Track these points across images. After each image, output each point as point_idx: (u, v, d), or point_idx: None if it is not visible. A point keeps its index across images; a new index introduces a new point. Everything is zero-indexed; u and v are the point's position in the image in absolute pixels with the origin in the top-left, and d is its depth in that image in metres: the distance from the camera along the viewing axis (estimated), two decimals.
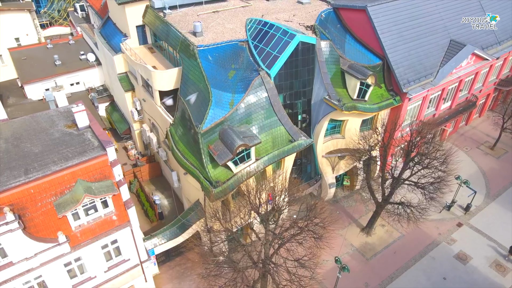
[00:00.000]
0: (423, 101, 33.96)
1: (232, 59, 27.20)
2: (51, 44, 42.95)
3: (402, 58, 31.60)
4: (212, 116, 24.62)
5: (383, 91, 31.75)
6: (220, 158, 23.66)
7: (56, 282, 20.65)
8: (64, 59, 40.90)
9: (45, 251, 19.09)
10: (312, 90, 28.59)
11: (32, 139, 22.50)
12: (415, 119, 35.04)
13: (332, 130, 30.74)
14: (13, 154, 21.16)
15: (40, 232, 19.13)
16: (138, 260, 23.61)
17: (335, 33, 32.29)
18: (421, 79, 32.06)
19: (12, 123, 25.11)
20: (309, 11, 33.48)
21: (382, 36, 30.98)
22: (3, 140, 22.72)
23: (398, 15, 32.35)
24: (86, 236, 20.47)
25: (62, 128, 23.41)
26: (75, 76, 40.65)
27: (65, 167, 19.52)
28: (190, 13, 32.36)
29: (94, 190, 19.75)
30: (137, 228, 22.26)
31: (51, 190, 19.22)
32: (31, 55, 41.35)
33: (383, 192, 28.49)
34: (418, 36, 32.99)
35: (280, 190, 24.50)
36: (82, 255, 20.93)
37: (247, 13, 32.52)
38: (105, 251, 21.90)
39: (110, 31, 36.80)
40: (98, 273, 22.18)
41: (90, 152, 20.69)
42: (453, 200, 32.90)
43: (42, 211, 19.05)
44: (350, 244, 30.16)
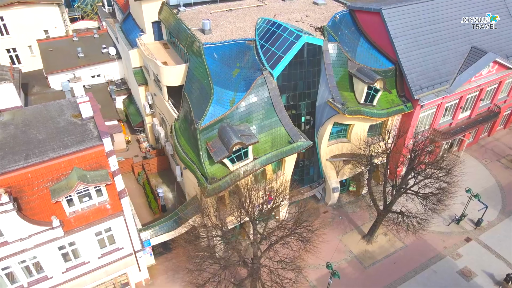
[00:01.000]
0: (437, 108, 32.76)
1: (238, 57, 27.36)
2: (76, 37, 44.73)
3: (416, 63, 30.63)
4: (212, 113, 24.91)
5: (394, 96, 30.93)
6: (216, 155, 23.91)
7: (50, 264, 21.62)
8: (87, 52, 42.47)
9: (39, 234, 20.00)
10: (318, 92, 28.26)
11: (39, 127, 23.62)
12: (428, 127, 33.85)
13: (338, 133, 30.26)
14: (19, 139, 22.31)
15: (36, 215, 20.09)
16: (131, 249, 24.28)
17: (349, 35, 31.77)
18: (435, 86, 30.95)
19: (25, 111, 26.45)
20: (323, 12, 33.08)
21: (396, 40, 30.17)
22: (14, 126, 24.00)
23: (415, 19, 31.38)
24: (80, 222, 21.28)
25: (68, 118, 24.42)
26: (96, 69, 42.12)
27: (62, 155, 20.39)
28: (204, 11, 32.79)
29: (88, 179, 20.49)
30: (130, 218, 22.88)
31: (47, 176, 20.13)
32: (57, 46, 43.24)
33: (384, 200, 27.78)
34: (436, 42, 31.85)
35: (275, 191, 24.46)
36: (76, 240, 21.78)
37: (260, 12, 32.57)
38: (99, 238, 22.67)
39: (129, 26, 37.93)
40: (91, 259, 23.01)
41: (88, 142, 21.50)
42: (463, 213, 31.55)
43: (38, 195, 19.99)
44: (349, 251, 29.61)
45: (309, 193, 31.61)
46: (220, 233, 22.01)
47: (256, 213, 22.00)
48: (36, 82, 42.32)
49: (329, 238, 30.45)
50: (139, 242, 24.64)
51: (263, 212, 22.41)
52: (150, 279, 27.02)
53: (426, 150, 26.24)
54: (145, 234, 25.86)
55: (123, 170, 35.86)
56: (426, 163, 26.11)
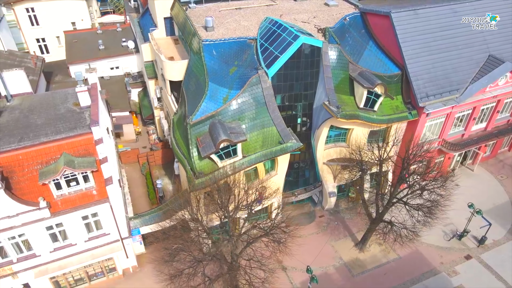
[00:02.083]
0: (447, 118, 31.37)
1: (237, 55, 27.54)
2: (100, 30, 46.69)
3: (423, 70, 29.49)
4: (204, 109, 25.26)
5: (399, 103, 29.97)
6: (204, 150, 24.25)
7: (38, 242, 22.82)
8: (108, 45, 44.22)
9: (26, 213, 21.18)
10: (315, 94, 27.90)
11: (41, 112, 24.98)
12: (437, 136, 32.51)
13: (336, 137, 29.72)
14: (19, 123, 23.73)
15: (25, 195, 21.28)
16: (118, 236, 25.10)
17: (357, 38, 31.14)
18: (444, 95, 29.66)
19: (34, 97, 28.08)
20: (333, 14, 32.57)
21: (403, 45, 29.19)
22: (19, 110, 25.54)
23: (427, 24, 30.21)
24: (67, 205, 22.30)
25: (69, 106, 25.65)
26: (115, 61, 43.81)
27: (52, 140, 21.53)
28: (213, 9, 33.23)
29: (75, 164, 21.44)
30: (117, 205, 23.66)
31: (37, 159, 21.29)
32: (81, 38, 45.37)
33: (377, 209, 27.02)
34: (449, 48, 30.49)
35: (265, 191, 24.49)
36: (64, 222, 22.84)
37: (268, 12, 32.57)
38: (86, 222, 23.65)
39: (146, 21, 39.14)
40: (78, 241, 24.05)
41: (79, 129, 22.51)
42: (465, 229, 30.04)
43: (28, 177, 21.18)
44: (339, 257, 29.05)
45: (303, 196, 31.25)
46: (200, 227, 22.29)
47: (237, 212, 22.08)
48: (59, 71, 44.65)
49: (321, 243, 30.11)
50: (127, 229, 25.41)
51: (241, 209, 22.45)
52: (138, 267, 27.82)
53: (418, 160, 25.15)
54: (135, 223, 26.66)
55: (129, 160, 37.19)
56: (419, 173, 25.07)
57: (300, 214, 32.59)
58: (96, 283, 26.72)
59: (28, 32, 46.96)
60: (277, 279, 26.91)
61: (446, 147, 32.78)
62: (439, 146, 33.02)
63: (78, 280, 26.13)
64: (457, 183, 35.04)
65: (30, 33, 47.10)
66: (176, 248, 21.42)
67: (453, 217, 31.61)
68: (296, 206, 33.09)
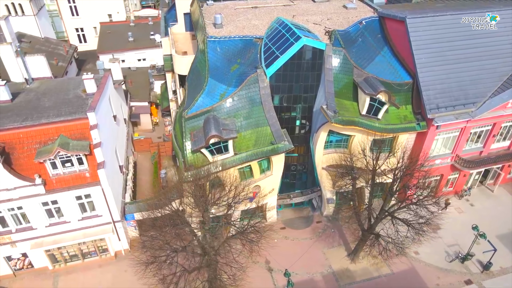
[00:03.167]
0: (461, 132, 29.54)
1: (241, 54, 27.75)
2: (133, 23, 48.87)
3: (436, 80, 27.98)
4: (200, 104, 25.74)
5: (408, 112, 28.68)
6: (194, 144, 24.78)
7: (35, 216, 24.50)
8: (137, 37, 46.26)
9: (23, 187, 22.82)
10: (316, 97, 27.43)
11: (52, 96, 26.76)
12: (449, 151, 30.71)
13: (337, 143, 28.99)
14: (30, 104, 25.60)
15: (23, 171, 22.94)
16: (110, 218, 26.30)
17: (371, 42, 30.20)
18: (457, 108, 27.97)
19: (51, 82, 30.13)
20: (349, 16, 31.77)
21: (416, 52, 27.86)
22: (35, 93, 27.53)
23: (445, 32, 28.61)
24: (61, 184, 23.73)
25: (78, 92, 27.24)
26: (142, 53, 45.75)
27: (51, 122, 23.01)
28: (230, 6, 33.65)
29: (70, 146, 22.77)
30: (108, 189, 24.77)
31: (37, 138, 22.87)
32: (114, 30, 47.81)
33: (369, 220, 26.10)
34: (468, 59, 28.68)
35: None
36: (58, 200, 24.32)
37: (283, 12, 32.40)
38: (79, 202, 25.02)
39: (171, 16, 40.36)
40: (72, 219, 25.49)
41: (78, 114, 23.85)
42: (469, 252, 28.12)
43: (27, 154, 22.82)
44: (328, 265, 28.38)
45: (298, 199, 30.83)
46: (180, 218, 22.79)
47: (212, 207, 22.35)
48: (92, 60, 47.33)
49: (313, 249, 29.61)
50: (119, 213, 26.50)
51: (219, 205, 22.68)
52: (129, 250, 28.95)
53: (409, 173, 23.93)
54: (129, 208, 27.76)
55: (141, 148, 38.69)
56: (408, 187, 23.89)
57: (298, 218, 32.26)
58: (89, 261, 28.15)
59: (69, 21, 50.23)
60: (260, 279, 27.12)
61: (460, 164, 30.86)
62: (452, 162, 31.18)
63: (72, 256, 27.69)
64: (472, 203, 33.33)
65: (70, 22, 50.36)
66: (151, 236, 22.06)
67: (459, 238, 29.90)
68: (295, 209, 32.81)
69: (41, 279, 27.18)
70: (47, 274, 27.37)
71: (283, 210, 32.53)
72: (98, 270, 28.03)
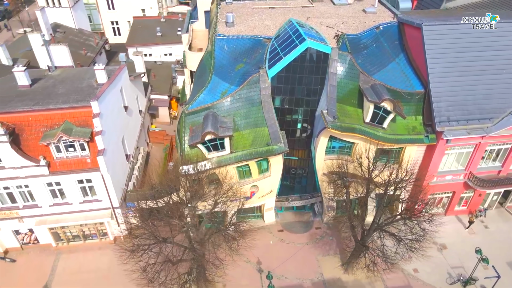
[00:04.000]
0: (475, 149, 27.83)
1: (247, 53, 27.90)
2: (163, 18, 50.45)
3: (450, 91, 26.55)
4: (201, 100, 26.19)
5: (417, 123, 27.45)
6: (191, 139, 25.31)
7: (40, 195, 26.12)
8: (165, 32, 47.71)
9: (28, 167, 24.41)
10: (319, 101, 26.96)
11: (67, 84, 28.34)
12: (463, 168, 29.02)
13: (340, 149, 28.27)
14: (46, 90, 27.28)
15: (30, 152, 24.52)
16: (109, 204, 27.45)
17: (386, 48, 29.28)
18: (471, 122, 26.37)
19: (71, 70, 31.84)
20: (366, 21, 30.92)
21: (430, 61, 26.61)
22: (53, 80, 29.27)
23: (464, 41, 27.11)
24: (64, 167, 25.10)
25: (91, 81, 28.61)
26: (168, 48, 47.14)
27: (58, 108, 24.41)
28: (248, 6, 33.90)
29: (72, 132, 24.06)
30: (107, 176, 25.85)
31: (44, 122, 24.37)
32: (145, 24, 49.62)
33: (362, 231, 25.32)
34: (487, 71, 26.95)
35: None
36: (61, 182, 25.76)
37: (299, 13, 32.15)
38: (81, 186, 26.33)
39: (195, 13, 41.26)
40: (74, 202, 26.89)
41: (83, 102, 25.10)
42: (471, 276, 26.45)
43: (34, 136, 24.38)
44: (320, 273, 27.85)
45: (297, 203, 30.42)
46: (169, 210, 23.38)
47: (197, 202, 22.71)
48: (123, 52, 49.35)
49: (308, 255, 29.19)
50: (118, 200, 27.57)
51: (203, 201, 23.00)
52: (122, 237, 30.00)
53: (401, 187, 22.86)
54: (130, 196, 28.78)
55: (156, 140, 39.94)
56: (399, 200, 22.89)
57: (298, 222, 31.91)
58: (90, 242, 29.58)
59: (105, 15, 52.79)
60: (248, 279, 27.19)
61: (474, 182, 29.08)
62: (464, 179, 29.46)
63: (75, 237, 29.23)
64: (486, 225, 31.41)
65: (106, 16, 52.91)
66: (137, 225, 22.81)
67: (466, 260, 28.28)
68: (295, 213, 32.46)
69: (45, 255, 28.94)
70: (50, 250, 29.10)
71: (284, 213, 32.30)
72: (97, 252, 29.37)
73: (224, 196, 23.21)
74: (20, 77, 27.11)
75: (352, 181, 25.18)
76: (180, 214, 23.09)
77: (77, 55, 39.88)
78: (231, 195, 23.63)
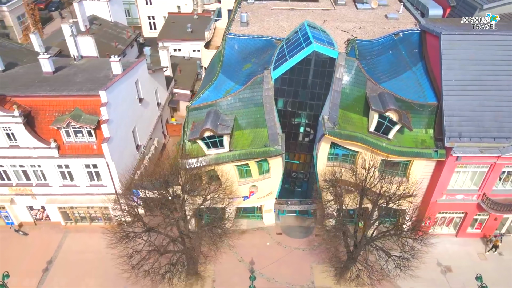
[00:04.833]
0: (489, 169, 25.99)
1: (257, 53, 27.97)
2: (196, 15, 51.62)
3: (465, 105, 25.01)
4: (205, 97, 26.65)
5: (428, 137, 26.13)
6: (191, 134, 25.85)
7: (51, 175, 27.88)
8: (195, 29, 48.76)
9: (40, 148, 26.15)
10: (323, 106, 26.43)
11: (87, 73, 29.94)
12: (476, 188, 27.20)
13: (344, 157, 27.54)
14: (66, 78, 29.01)
15: (43, 134, 26.25)
16: (114, 190, 28.70)
17: (403, 56, 28.24)
18: (485, 140, 24.65)
19: (94, 61, 33.56)
20: (386, 27, 29.88)
21: (446, 73, 25.25)
22: (76, 68, 31.03)
23: (486, 53, 25.46)
24: (72, 151, 26.60)
25: (108, 72, 30.02)
26: (196, 44, 48.07)
27: (69, 95, 25.91)
28: (269, 6, 33.97)
29: (80, 119, 25.45)
30: (112, 163, 27.05)
31: (56, 108, 25.98)
32: (178, 20, 51.04)
33: (354, 242, 24.55)
34: (509, 87, 25.05)
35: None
36: (70, 165, 27.33)
37: (318, 16, 31.76)
38: (87, 170, 27.77)
39: None
40: (81, 184, 28.42)
41: (94, 91, 26.42)
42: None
43: (47, 120, 26.06)
44: (311, 280, 27.35)
45: (295, 207, 29.96)
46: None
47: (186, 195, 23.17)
48: (155, 46, 51.23)
49: (302, 261, 28.79)
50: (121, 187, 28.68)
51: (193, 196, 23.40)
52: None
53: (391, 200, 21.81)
54: (136, 185, 29.90)
55: (173, 133, 41.10)
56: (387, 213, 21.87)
57: (298, 226, 31.50)
58: (96, 225, 31.08)
59: (143, 10, 54.93)
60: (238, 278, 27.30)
61: (487, 204, 27.19)
62: (477, 200, 27.62)
63: (82, 218, 30.87)
64: (501, 251, 29.52)
65: (144, 11, 55.03)
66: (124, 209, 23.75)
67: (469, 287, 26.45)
68: (297, 218, 32.08)
69: (54, 231, 30.82)
70: (59, 228, 30.96)
71: (286, 216, 32.04)
72: (101, 235, 30.71)
73: (213, 193, 23.48)
74: (44, 64, 29.03)
75: (346, 190, 24.45)
76: (170, 206, 23.70)
77: (108, 47, 41.92)
78: (222, 192, 23.84)
